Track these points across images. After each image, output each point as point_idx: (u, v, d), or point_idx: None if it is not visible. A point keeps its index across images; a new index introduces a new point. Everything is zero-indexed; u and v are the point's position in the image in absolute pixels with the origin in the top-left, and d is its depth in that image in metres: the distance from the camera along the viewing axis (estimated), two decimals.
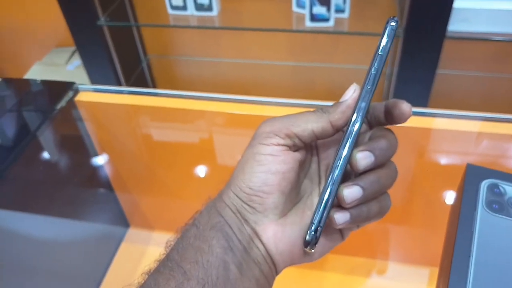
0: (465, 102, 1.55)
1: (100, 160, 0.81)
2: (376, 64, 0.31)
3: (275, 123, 0.33)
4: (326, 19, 1.30)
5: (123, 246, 0.79)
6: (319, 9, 1.28)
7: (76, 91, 0.74)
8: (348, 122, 0.32)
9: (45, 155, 0.73)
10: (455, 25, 1.18)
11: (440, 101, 1.48)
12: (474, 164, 0.47)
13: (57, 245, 0.71)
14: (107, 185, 0.83)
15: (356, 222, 0.32)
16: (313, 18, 1.30)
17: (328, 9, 1.28)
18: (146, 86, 1.75)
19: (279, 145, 0.32)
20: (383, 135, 0.32)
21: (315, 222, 0.31)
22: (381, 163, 0.31)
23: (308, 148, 0.36)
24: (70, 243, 0.73)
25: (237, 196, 0.33)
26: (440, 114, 0.67)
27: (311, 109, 0.34)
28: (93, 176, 0.82)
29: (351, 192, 0.30)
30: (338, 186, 0.31)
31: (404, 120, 0.31)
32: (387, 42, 0.31)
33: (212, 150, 0.78)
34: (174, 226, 0.36)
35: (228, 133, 0.78)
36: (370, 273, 0.73)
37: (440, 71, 1.26)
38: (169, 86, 1.81)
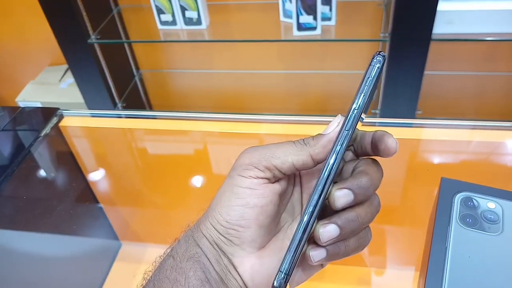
0: (454, 101, 1.56)
1: (87, 180, 0.82)
2: (357, 104, 0.29)
3: (255, 154, 0.32)
4: (313, 28, 1.31)
5: (115, 263, 0.80)
6: (306, 18, 1.29)
7: (61, 117, 0.76)
8: (328, 156, 0.29)
9: (32, 179, 0.74)
10: (440, 28, 1.19)
11: (429, 101, 1.49)
12: (450, 176, 0.47)
13: (48, 263, 0.72)
14: (95, 204, 0.83)
15: (332, 259, 0.31)
16: (300, 27, 1.31)
17: (315, 18, 1.29)
18: (140, 100, 1.76)
19: (258, 178, 0.32)
20: (366, 171, 0.31)
21: (283, 270, 0.29)
22: (362, 201, 0.30)
23: (291, 177, 0.35)
24: (61, 261, 0.74)
25: (214, 227, 0.33)
26: (427, 124, 0.68)
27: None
28: (81, 196, 0.82)
29: (327, 231, 0.29)
30: (314, 225, 0.29)
31: (390, 155, 0.30)
32: (370, 81, 0.28)
33: (200, 165, 0.79)
34: (164, 240, 0.36)
35: (217, 149, 0.79)
36: (360, 280, 0.73)
37: (427, 72, 1.27)
38: (163, 99, 1.82)
